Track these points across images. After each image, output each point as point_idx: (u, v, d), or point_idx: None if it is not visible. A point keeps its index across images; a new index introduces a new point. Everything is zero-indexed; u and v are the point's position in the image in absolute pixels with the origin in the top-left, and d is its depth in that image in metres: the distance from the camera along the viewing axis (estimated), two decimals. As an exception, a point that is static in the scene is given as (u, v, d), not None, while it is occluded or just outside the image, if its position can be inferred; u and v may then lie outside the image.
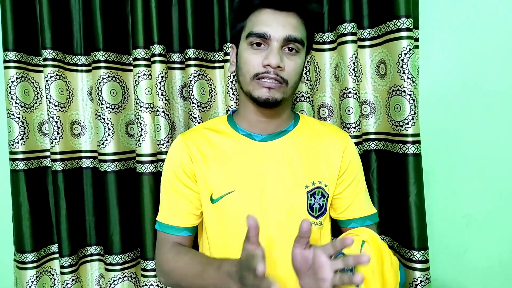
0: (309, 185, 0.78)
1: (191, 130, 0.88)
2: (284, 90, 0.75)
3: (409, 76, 0.97)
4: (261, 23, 0.74)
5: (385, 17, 1.00)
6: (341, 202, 0.83)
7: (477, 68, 1.10)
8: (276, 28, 0.73)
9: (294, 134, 0.83)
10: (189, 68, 1.08)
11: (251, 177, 0.78)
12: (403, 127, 0.99)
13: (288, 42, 0.74)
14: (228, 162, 0.80)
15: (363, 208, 0.84)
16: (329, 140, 0.83)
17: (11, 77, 1.07)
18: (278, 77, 0.73)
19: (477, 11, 1.09)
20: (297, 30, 0.75)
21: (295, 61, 0.75)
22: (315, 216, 0.78)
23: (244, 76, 0.76)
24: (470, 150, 1.11)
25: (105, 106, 1.09)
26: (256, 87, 0.74)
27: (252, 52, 0.75)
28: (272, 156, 0.79)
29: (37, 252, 1.11)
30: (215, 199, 0.78)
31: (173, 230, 0.82)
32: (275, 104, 0.75)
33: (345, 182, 0.82)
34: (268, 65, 0.72)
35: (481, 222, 1.12)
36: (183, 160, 0.81)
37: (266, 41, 0.74)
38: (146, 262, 1.08)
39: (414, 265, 0.99)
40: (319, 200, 0.78)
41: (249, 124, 0.82)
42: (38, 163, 1.14)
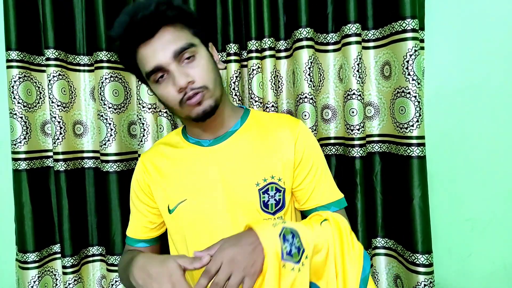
0: (260, 182, 0.77)
1: (151, 148, 0.92)
2: (210, 94, 0.74)
3: (414, 77, 0.96)
4: (147, 60, 0.72)
5: (390, 18, 0.99)
6: (302, 193, 0.81)
7: (483, 69, 1.08)
8: (159, 55, 0.71)
9: (241, 133, 0.82)
10: (192, 68, 1.07)
11: (201, 183, 0.79)
12: (408, 129, 0.98)
13: (179, 56, 0.71)
14: (181, 172, 0.81)
15: (325, 195, 0.82)
16: (279, 132, 0.81)
17: (13, 76, 1.07)
18: (196, 89, 0.71)
19: (483, 12, 1.07)
20: (178, 39, 0.72)
21: (199, 65, 0.73)
22: (271, 212, 0.77)
23: (173, 108, 0.76)
24: (475, 153, 1.10)
25: (108, 106, 1.08)
26: (189, 109, 0.74)
27: (162, 87, 0.73)
28: (220, 159, 0.79)
29: (39, 252, 1.11)
30: (171, 210, 0.80)
31: (131, 241, 0.90)
32: (212, 111, 0.75)
33: (302, 172, 0.80)
34: (181, 89, 0.71)
35: (486, 226, 1.10)
36: (139, 178, 0.87)
37: (163, 70, 0.72)
38: (147, 263, 1.08)
39: (418, 268, 0.98)
40: (274, 196, 0.77)
41: (197, 133, 0.83)
42: (40, 163, 1.14)
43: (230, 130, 0.83)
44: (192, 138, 0.84)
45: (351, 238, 0.72)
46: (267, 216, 0.77)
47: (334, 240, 0.69)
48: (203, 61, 0.74)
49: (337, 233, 0.70)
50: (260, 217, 0.77)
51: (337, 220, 0.73)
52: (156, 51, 0.71)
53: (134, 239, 0.89)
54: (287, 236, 0.63)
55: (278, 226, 0.65)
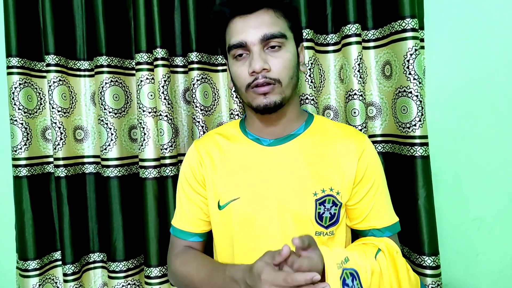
0: (318, 192, 0.73)
1: (205, 136, 0.89)
2: (280, 90, 0.72)
3: (415, 77, 0.95)
4: (236, 33, 0.73)
5: (389, 18, 0.99)
6: (358, 211, 0.77)
7: (484, 68, 1.08)
8: (249, 32, 0.71)
9: (304, 138, 0.79)
10: (192, 71, 1.07)
11: (256, 183, 0.76)
12: (410, 129, 0.97)
13: (267, 41, 0.71)
14: (235, 168, 0.78)
15: (382, 218, 0.78)
16: (343, 144, 0.78)
17: (14, 83, 1.07)
18: (268, 79, 0.70)
19: (482, 10, 1.07)
20: (273, 25, 0.72)
21: (282, 57, 0.72)
22: (324, 226, 0.74)
23: (239, 90, 0.76)
24: (479, 152, 1.09)
25: (108, 111, 1.08)
26: (253, 96, 0.73)
27: (238, 65, 0.74)
28: (279, 162, 0.76)
29: (40, 259, 1.10)
30: (221, 206, 0.77)
31: (184, 235, 0.84)
32: (275, 107, 0.72)
33: (361, 190, 0.76)
34: (254, 72, 0.70)
35: (492, 225, 1.09)
36: (194, 166, 0.83)
37: (246, 49, 0.72)
38: (150, 269, 1.06)
39: (425, 271, 0.96)
40: (330, 209, 0.73)
41: (257, 129, 0.81)
42: (41, 169, 1.13)
43: (292, 133, 0.80)
44: (252, 134, 0.81)
45: (407, 271, 0.70)
46: (319, 229, 0.73)
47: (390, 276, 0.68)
48: (287, 55, 0.73)
49: (392, 268, 0.69)
50: (313, 228, 0.73)
51: (392, 253, 0.71)
52: (248, 28, 0.71)
53: (188, 233, 0.83)
54: (347, 280, 0.62)
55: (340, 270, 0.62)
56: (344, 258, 0.65)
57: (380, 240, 0.74)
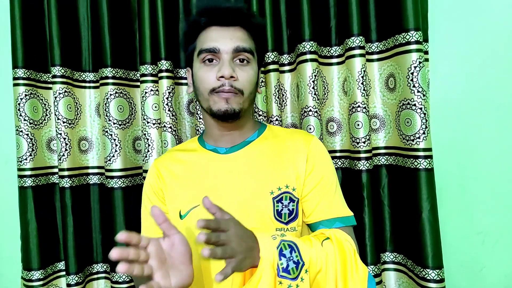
0: (275, 190, 0.77)
1: (164, 154, 0.92)
2: (240, 100, 0.77)
3: (419, 89, 0.95)
4: (210, 40, 0.77)
5: (393, 30, 0.99)
6: (308, 204, 0.79)
7: (488, 80, 1.08)
8: (224, 42, 0.76)
9: (258, 143, 0.84)
10: (196, 83, 1.07)
11: (215, 189, 0.78)
12: (414, 142, 0.97)
13: (238, 53, 0.77)
14: (195, 178, 0.81)
15: (331, 210, 0.79)
16: (293, 144, 0.82)
17: (20, 94, 1.08)
18: (233, 88, 0.75)
19: (486, 23, 1.07)
20: (245, 41, 0.78)
21: (248, 72, 0.78)
22: (284, 222, 0.76)
23: (202, 94, 0.79)
24: (483, 164, 1.08)
25: (113, 122, 1.08)
26: (215, 101, 0.76)
27: (206, 69, 0.77)
28: (236, 167, 0.80)
29: (44, 269, 1.10)
30: (183, 215, 0.79)
31: None
32: (234, 115, 0.77)
33: (310, 183, 0.79)
34: (222, 77, 0.75)
35: (497, 239, 1.08)
36: (153, 183, 0.85)
37: (216, 55, 0.77)
38: (153, 280, 1.06)
39: (429, 284, 0.95)
40: (287, 205, 0.77)
41: (214, 140, 0.84)
42: (46, 180, 1.14)
43: (246, 140, 0.84)
44: (209, 145, 0.85)
45: (355, 260, 0.70)
46: (280, 225, 0.76)
47: (336, 262, 0.67)
48: (252, 71, 0.79)
49: (339, 254, 0.68)
50: (273, 226, 0.76)
51: (340, 240, 0.71)
52: (222, 37, 0.77)
53: None
54: (284, 251, 0.63)
55: (277, 239, 0.65)
56: (280, 234, 0.67)
57: (329, 231, 0.75)
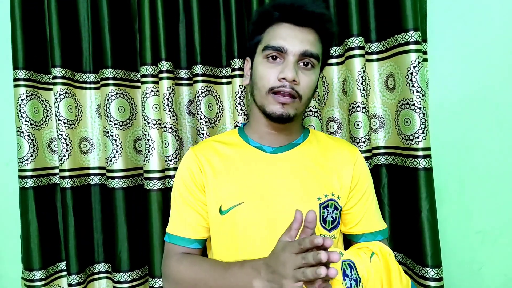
0: (322, 197, 0.76)
1: (202, 143, 0.89)
2: (298, 106, 0.75)
3: (419, 89, 0.96)
4: (279, 37, 0.74)
5: (393, 31, 1.00)
6: (352, 216, 0.82)
7: (487, 80, 1.08)
8: (293, 42, 0.73)
9: (304, 147, 0.83)
10: (196, 84, 1.08)
11: (261, 188, 0.77)
12: (413, 141, 0.97)
13: (304, 57, 0.74)
14: (238, 174, 0.79)
15: (374, 223, 0.83)
16: (339, 153, 0.83)
17: (21, 95, 1.09)
18: (293, 91, 0.73)
19: (485, 23, 1.08)
20: (314, 45, 0.75)
21: (310, 77, 0.75)
22: (328, 229, 0.77)
23: (259, 90, 0.76)
24: (482, 164, 1.09)
25: (113, 122, 1.09)
26: (271, 102, 0.74)
27: (268, 66, 0.75)
28: (282, 168, 0.79)
29: (45, 270, 1.11)
30: (224, 211, 0.77)
31: (183, 241, 0.81)
32: (288, 120, 0.75)
33: (356, 196, 0.81)
34: (284, 79, 0.72)
35: (496, 238, 1.09)
36: (193, 171, 0.81)
37: (282, 55, 0.74)
38: (154, 280, 1.07)
39: (428, 283, 0.96)
40: (332, 213, 0.77)
41: (260, 137, 0.82)
42: (47, 180, 1.14)
43: (293, 142, 0.83)
44: (254, 141, 0.83)
45: (398, 272, 0.72)
46: (323, 232, 0.76)
47: (382, 277, 0.70)
48: (314, 77, 0.77)
49: (385, 269, 0.71)
50: (317, 232, 0.76)
51: (385, 255, 0.73)
52: (293, 37, 0.74)
53: (188, 239, 0.80)
54: (347, 271, 0.65)
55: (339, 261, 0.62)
56: (339, 252, 0.68)
57: (374, 244, 0.77)
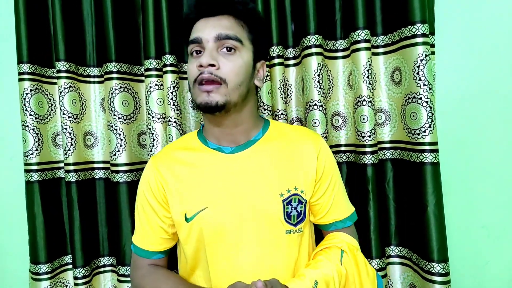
0: (284, 193, 0.76)
1: (161, 152, 0.87)
2: (225, 91, 0.72)
3: (426, 83, 0.95)
4: (195, 31, 0.77)
5: (399, 23, 0.98)
6: (320, 207, 0.82)
7: (495, 74, 1.07)
8: (207, 31, 0.75)
9: (264, 142, 0.81)
10: (200, 78, 1.07)
11: (223, 191, 0.77)
12: (420, 135, 0.96)
13: (221, 41, 0.74)
14: (200, 179, 0.78)
15: (343, 210, 0.84)
16: (301, 145, 0.81)
17: (25, 89, 1.09)
18: (213, 76, 0.71)
19: (493, 15, 1.06)
20: (230, 28, 0.75)
21: (233, 61, 0.74)
22: (293, 223, 0.77)
23: (189, 87, 0.78)
24: (489, 159, 1.08)
25: (117, 116, 1.09)
26: (198, 93, 0.74)
27: (191, 61, 0.77)
28: (243, 168, 0.78)
29: (51, 263, 1.12)
30: (189, 218, 0.77)
31: (147, 254, 0.83)
32: (216, 108, 0.72)
33: (322, 186, 0.81)
34: (201, 66, 0.72)
35: (502, 233, 1.08)
36: (151, 186, 0.81)
37: (201, 46, 0.75)
38: (158, 274, 1.07)
39: (434, 278, 0.96)
40: (296, 207, 0.77)
41: (216, 138, 0.81)
42: (52, 174, 1.15)
43: (252, 139, 0.81)
44: (212, 143, 0.82)
45: (365, 266, 0.77)
46: (289, 227, 0.76)
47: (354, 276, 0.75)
48: (239, 61, 0.74)
49: (355, 266, 0.76)
50: (283, 227, 0.76)
51: (353, 251, 0.77)
52: (206, 27, 0.75)
53: (150, 252, 0.83)
54: None
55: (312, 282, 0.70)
56: (313, 284, 0.70)
57: (341, 241, 0.79)
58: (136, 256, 0.85)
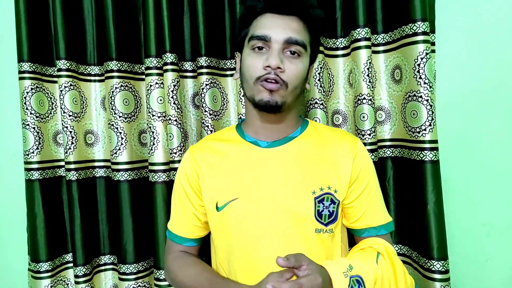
0: (317, 191, 0.75)
1: (200, 142, 0.89)
2: (284, 93, 0.74)
3: (426, 81, 0.95)
4: (262, 27, 0.75)
5: (400, 22, 0.99)
6: (354, 211, 0.80)
7: (495, 72, 1.07)
8: (276, 31, 0.73)
9: (301, 140, 0.81)
10: (201, 76, 1.07)
11: (255, 183, 0.77)
12: (420, 134, 0.96)
13: (289, 45, 0.73)
14: (233, 170, 0.79)
15: (377, 217, 0.81)
16: (338, 146, 0.81)
17: (26, 87, 1.09)
18: (278, 78, 0.72)
19: (494, 13, 1.06)
20: (299, 33, 0.74)
21: (296, 65, 0.74)
22: (324, 223, 0.76)
23: (247, 81, 0.77)
24: (489, 157, 1.08)
25: (118, 115, 1.09)
26: (259, 90, 0.74)
27: (254, 56, 0.75)
28: (277, 162, 0.78)
29: (51, 261, 1.12)
30: (220, 207, 0.78)
31: (180, 239, 0.86)
32: (275, 107, 0.74)
33: (356, 190, 0.79)
34: (268, 67, 0.72)
35: (502, 231, 1.08)
36: (188, 175, 0.84)
37: (267, 44, 0.74)
38: (159, 272, 1.08)
39: (433, 275, 0.96)
40: (328, 207, 0.76)
41: (255, 131, 0.82)
42: (52, 173, 1.15)
43: (289, 135, 0.82)
44: (250, 137, 0.82)
45: (403, 273, 0.73)
46: (319, 226, 0.75)
47: (390, 279, 0.72)
48: (301, 65, 0.76)
49: (392, 270, 0.73)
50: (313, 225, 0.75)
51: (390, 255, 0.74)
52: (276, 26, 0.74)
53: (183, 238, 0.85)
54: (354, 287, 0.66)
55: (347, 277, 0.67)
56: (348, 266, 0.69)
57: (378, 243, 0.77)
58: (169, 241, 0.88)
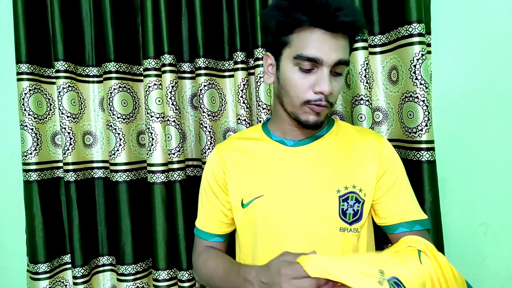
0: (341, 189, 0.75)
1: (226, 140, 0.90)
2: (328, 111, 0.76)
3: (422, 82, 0.96)
4: (313, 46, 0.69)
5: (396, 23, 0.99)
6: (384, 206, 0.78)
7: (491, 72, 1.08)
8: (328, 53, 0.69)
9: (327, 139, 0.82)
10: (199, 77, 1.08)
11: (280, 181, 0.78)
12: (417, 134, 0.97)
13: (337, 66, 0.71)
14: (259, 168, 0.80)
15: (410, 212, 0.77)
16: (363, 145, 0.80)
17: (24, 89, 1.09)
18: (327, 102, 0.72)
19: (489, 15, 1.07)
20: (346, 52, 0.72)
21: (340, 83, 0.74)
22: (348, 222, 0.75)
23: (291, 99, 0.74)
24: (486, 156, 1.09)
25: (116, 116, 1.09)
26: (306, 112, 0.73)
27: (302, 76, 0.71)
28: (302, 161, 0.79)
29: (50, 262, 1.12)
30: (245, 204, 0.79)
31: (205, 235, 0.88)
32: (320, 126, 0.76)
33: (384, 186, 0.78)
34: (321, 93, 0.70)
35: (499, 230, 1.09)
36: (215, 172, 0.85)
37: (316, 65, 0.70)
38: (158, 273, 1.08)
39: (431, 275, 0.96)
40: (353, 206, 0.75)
41: (283, 132, 0.83)
42: (51, 174, 1.15)
43: (315, 134, 0.82)
44: (276, 136, 0.83)
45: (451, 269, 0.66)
46: (343, 225, 0.75)
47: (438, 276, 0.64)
48: (342, 81, 0.76)
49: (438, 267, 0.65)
50: (337, 224, 0.74)
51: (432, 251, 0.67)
52: (329, 47, 0.69)
53: (209, 234, 0.87)
54: None
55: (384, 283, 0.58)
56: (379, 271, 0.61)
57: (416, 241, 0.69)
58: (197, 237, 0.90)
